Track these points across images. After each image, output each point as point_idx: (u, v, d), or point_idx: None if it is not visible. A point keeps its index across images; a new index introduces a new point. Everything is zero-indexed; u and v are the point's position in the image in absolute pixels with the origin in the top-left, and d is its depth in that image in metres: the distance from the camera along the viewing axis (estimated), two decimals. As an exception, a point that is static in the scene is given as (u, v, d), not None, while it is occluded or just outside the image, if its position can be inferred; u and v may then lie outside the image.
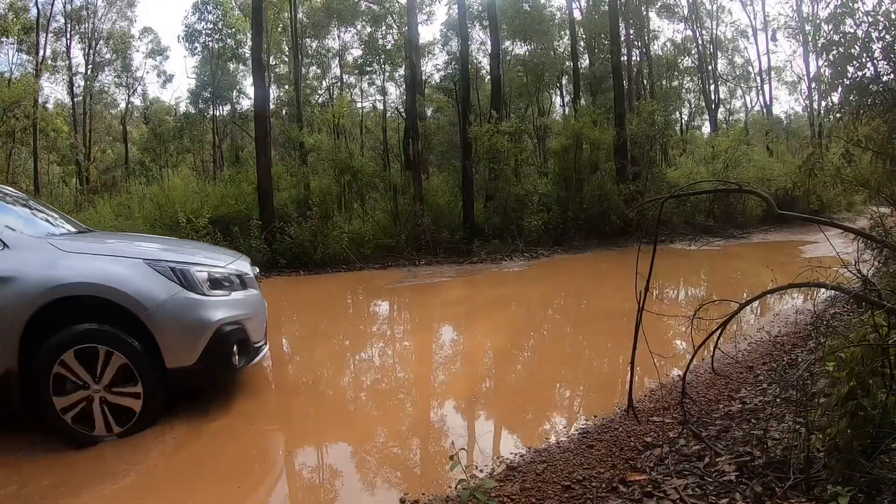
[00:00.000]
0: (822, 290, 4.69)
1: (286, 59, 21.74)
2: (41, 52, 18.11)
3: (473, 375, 4.13)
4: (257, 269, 3.94)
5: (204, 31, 20.29)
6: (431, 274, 9.03)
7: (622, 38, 16.46)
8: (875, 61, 4.01)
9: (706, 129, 24.70)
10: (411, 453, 2.86)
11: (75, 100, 19.94)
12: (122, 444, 2.80)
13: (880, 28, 3.91)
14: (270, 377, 4.10)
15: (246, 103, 21.80)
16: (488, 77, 17.50)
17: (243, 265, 3.63)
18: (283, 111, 21.33)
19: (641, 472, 2.23)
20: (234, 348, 3.15)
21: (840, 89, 4.08)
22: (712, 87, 23.47)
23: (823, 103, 16.14)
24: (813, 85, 20.98)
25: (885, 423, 1.70)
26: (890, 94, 3.89)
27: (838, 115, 4.24)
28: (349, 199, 12.53)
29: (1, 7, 16.76)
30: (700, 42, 23.03)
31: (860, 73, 4.01)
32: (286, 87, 21.71)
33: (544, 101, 22.77)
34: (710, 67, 23.46)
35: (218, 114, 21.69)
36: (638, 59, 20.83)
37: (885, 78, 3.97)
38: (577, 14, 19.59)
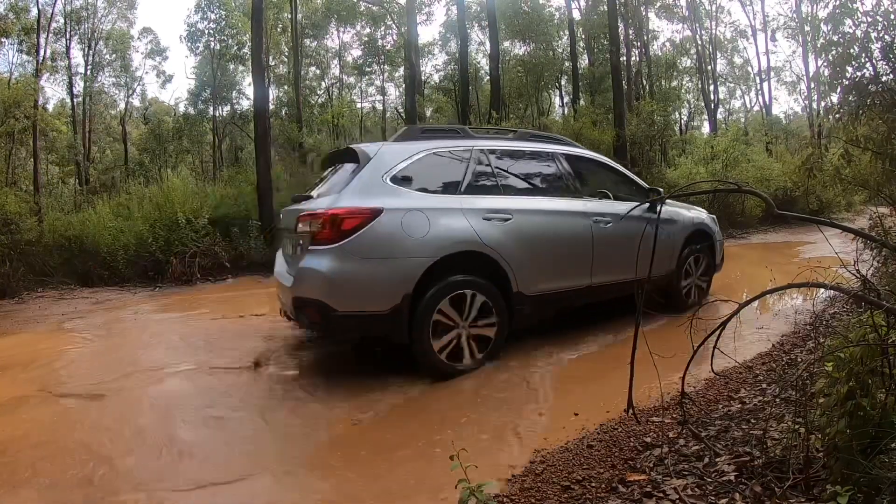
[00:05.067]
0: (822, 290, 4.69)
1: (286, 59, 21.75)
2: (41, 53, 18.08)
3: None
4: None
5: (207, 31, 20.27)
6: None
7: (621, 39, 16.48)
8: (874, 61, 4.02)
9: (705, 129, 24.72)
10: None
11: (75, 100, 19.92)
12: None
13: (879, 28, 3.91)
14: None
15: (245, 103, 21.78)
16: (487, 77, 17.53)
17: None
18: (283, 111, 21.33)
19: (641, 472, 2.23)
20: None
21: (839, 89, 4.08)
22: (711, 88, 23.49)
23: (823, 103, 16.14)
24: (812, 85, 21.01)
25: (885, 423, 1.70)
26: (889, 94, 3.89)
27: (837, 116, 4.24)
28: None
29: (1, 7, 16.73)
30: (699, 42, 23.05)
31: (859, 74, 4.01)
32: (286, 87, 21.72)
33: (543, 102, 22.79)
34: (709, 68, 23.48)
35: (217, 114, 21.68)
36: (637, 59, 20.86)
37: (884, 78, 3.98)
38: (576, 14, 19.65)
